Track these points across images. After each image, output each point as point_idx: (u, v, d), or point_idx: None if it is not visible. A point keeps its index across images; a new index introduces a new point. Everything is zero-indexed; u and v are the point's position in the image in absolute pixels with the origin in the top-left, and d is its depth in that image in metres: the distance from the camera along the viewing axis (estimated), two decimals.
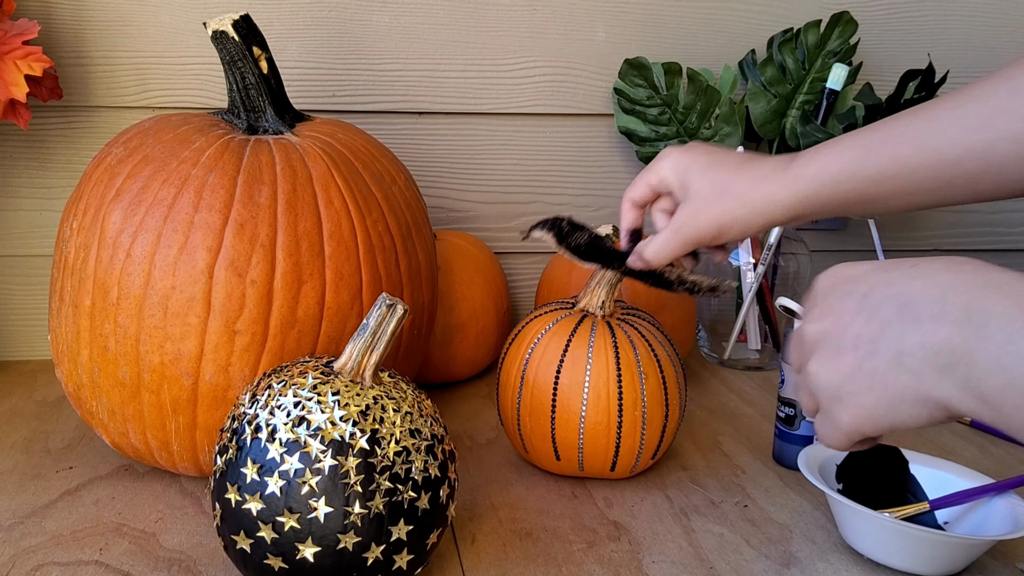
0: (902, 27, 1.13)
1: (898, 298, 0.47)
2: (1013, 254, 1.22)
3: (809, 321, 0.51)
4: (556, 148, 1.10)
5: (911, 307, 0.46)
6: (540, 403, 0.74)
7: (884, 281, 0.48)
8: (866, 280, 0.49)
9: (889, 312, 0.47)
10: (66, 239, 0.74)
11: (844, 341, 0.49)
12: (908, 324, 0.46)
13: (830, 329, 0.50)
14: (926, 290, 0.46)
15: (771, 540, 0.69)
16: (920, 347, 0.45)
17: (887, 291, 0.48)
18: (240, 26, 0.75)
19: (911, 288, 0.47)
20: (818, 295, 0.52)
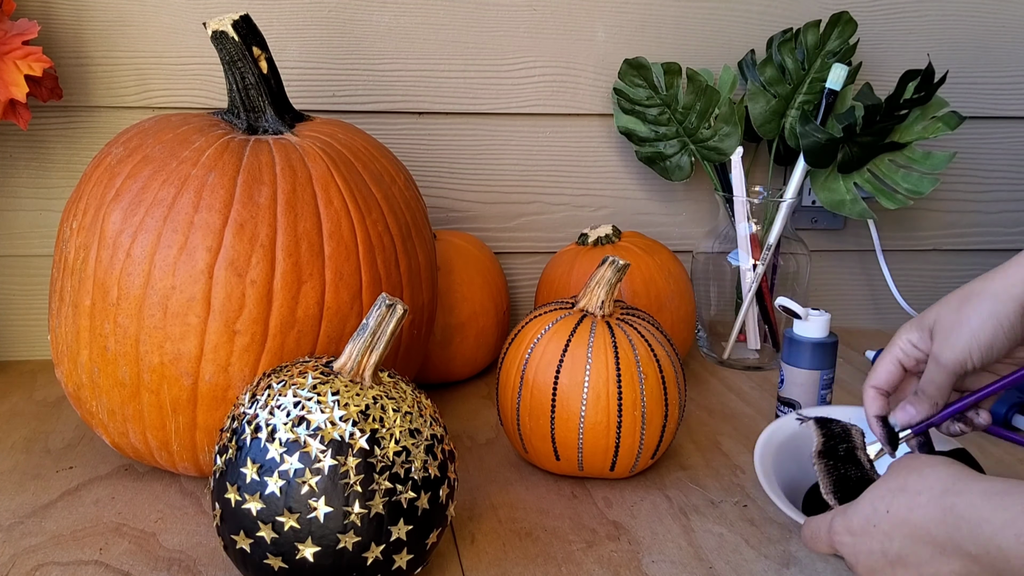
0: (902, 27, 1.13)
1: (907, 547, 0.54)
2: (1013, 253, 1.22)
3: (864, 571, 0.58)
4: (556, 148, 1.10)
5: (922, 551, 0.54)
6: (540, 403, 0.74)
7: (886, 536, 0.55)
8: (875, 540, 0.56)
9: (914, 555, 0.54)
10: (66, 239, 0.74)
11: (877, 563, 0.56)
12: (935, 557, 0.53)
13: (883, 569, 0.56)
14: (917, 536, 0.54)
15: (770, 540, 0.69)
16: (950, 573, 0.53)
17: (895, 545, 0.55)
18: (240, 26, 0.75)
19: (907, 537, 0.54)
20: (850, 557, 0.58)
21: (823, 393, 0.83)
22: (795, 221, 1.13)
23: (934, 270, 1.22)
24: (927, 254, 1.21)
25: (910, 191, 1.04)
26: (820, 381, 0.83)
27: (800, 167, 1.04)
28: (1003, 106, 1.17)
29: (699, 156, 1.07)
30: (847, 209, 1.05)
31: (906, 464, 0.57)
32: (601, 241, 1.00)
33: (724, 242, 1.06)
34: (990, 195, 1.20)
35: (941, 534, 0.52)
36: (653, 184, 1.14)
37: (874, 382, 0.68)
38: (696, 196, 1.15)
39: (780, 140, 1.08)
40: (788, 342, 0.86)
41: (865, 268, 1.21)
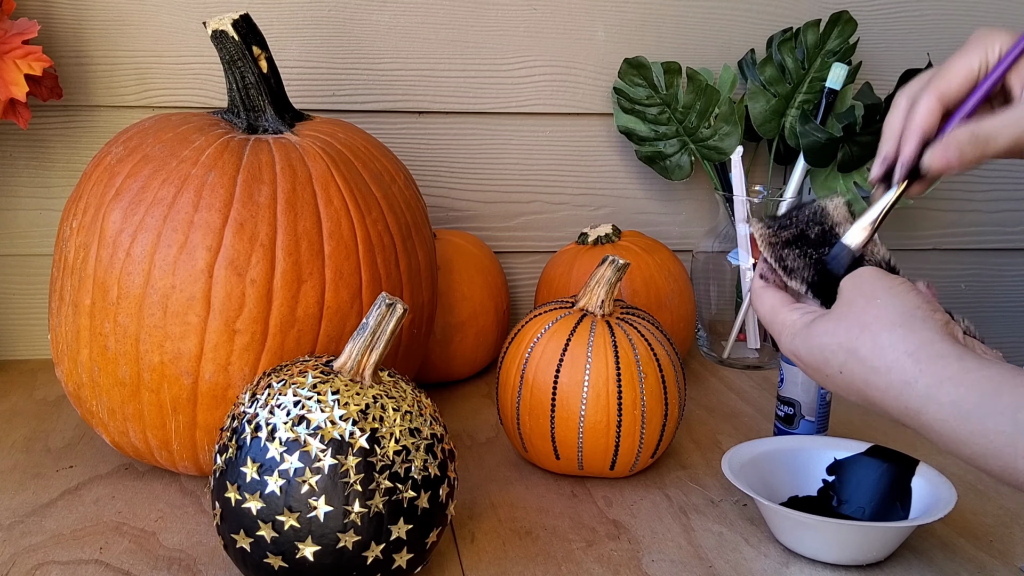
0: (902, 27, 1.13)
1: (858, 400, 0.55)
2: (1013, 253, 1.22)
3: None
4: (556, 147, 1.10)
5: (876, 405, 0.54)
6: (540, 402, 0.74)
7: (839, 389, 0.56)
8: (827, 382, 0.56)
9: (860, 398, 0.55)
10: (66, 238, 0.74)
11: (829, 389, 0.58)
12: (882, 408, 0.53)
13: (810, 373, 0.58)
14: (872, 403, 0.54)
15: (770, 539, 0.69)
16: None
17: (848, 396, 0.55)
18: (240, 25, 0.75)
19: (859, 397, 0.54)
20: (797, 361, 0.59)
21: (823, 392, 0.83)
22: None
23: (934, 270, 1.22)
24: (927, 254, 1.21)
25: None
26: None
27: (800, 166, 1.04)
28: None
29: (699, 155, 1.07)
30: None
31: (858, 313, 0.53)
32: (601, 240, 1.00)
33: (724, 241, 1.06)
34: (990, 195, 1.20)
35: (901, 418, 0.50)
36: (653, 183, 1.14)
37: (943, 89, 0.55)
38: (696, 195, 1.15)
39: (780, 139, 1.08)
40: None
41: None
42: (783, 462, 0.72)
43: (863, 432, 0.88)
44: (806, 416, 0.81)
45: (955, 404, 0.45)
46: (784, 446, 0.73)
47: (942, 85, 0.56)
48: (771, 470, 0.71)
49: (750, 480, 0.68)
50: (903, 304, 0.51)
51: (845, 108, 1.05)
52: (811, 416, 0.81)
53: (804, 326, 0.56)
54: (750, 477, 0.69)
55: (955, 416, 0.45)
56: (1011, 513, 0.74)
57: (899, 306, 0.51)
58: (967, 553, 0.68)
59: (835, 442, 0.74)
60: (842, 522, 0.64)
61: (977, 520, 0.72)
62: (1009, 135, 0.54)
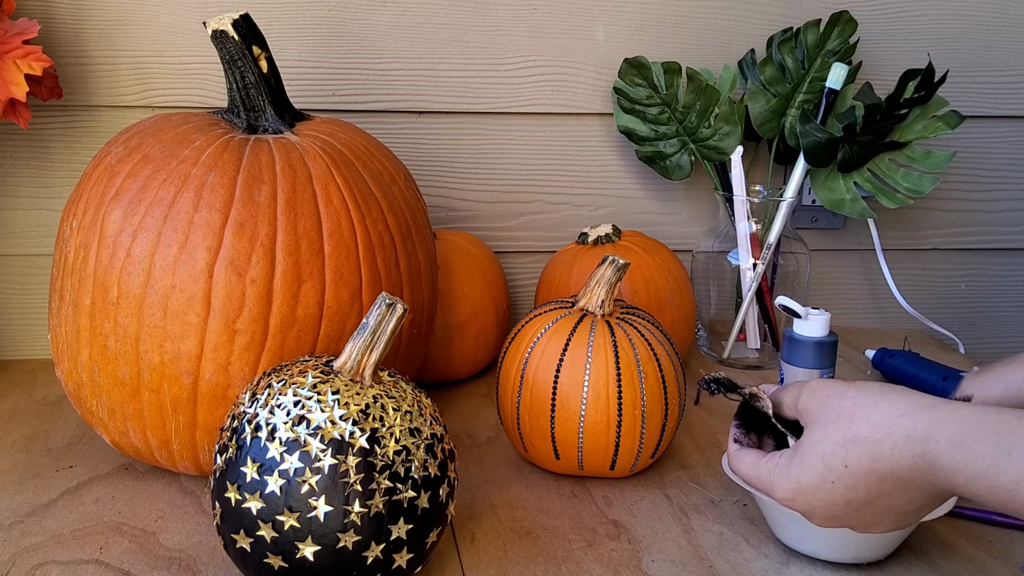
0: (902, 27, 1.13)
1: (874, 494, 0.55)
2: (1013, 253, 1.22)
3: (822, 521, 0.59)
4: (556, 147, 1.10)
5: (893, 493, 0.55)
6: (540, 402, 0.74)
7: (850, 489, 0.56)
8: (836, 496, 0.56)
9: (885, 500, 0.55)
10: (66, 238, 0.74)
11: (874, 519, 0.57)
12: (905, 497, 0.55)
13: (852, 519, 0.57)
14: (888, 482, 0.55)
15: (770, 538, 0.69)
16: (932, 497, 0.55)
17: (860, 494, 0.56)
18: (240, 25, 0.75)
19: (874, 485, 0.55)
20: (804, 514, 0.59)
21: None
22: (795, 220, 1.13)
23: (934, 269, 1.22)
24: (927, 253, 1.22)
25: (910, 190, 1.04)
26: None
27: (800, 166, 1.04)
28: (1003, 105, 1.17)
29: (699, 155, 1.07)
30: (847, 208, 1.05)
31: (836, 409, 0.56)
32: (601, 240, 1.00)
33: (724, 241, 1.06)
34: (990, 195, 1.20)
35: (914, 476, 0.53)
36: (653, 183, 1.14)
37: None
38: (696, 195, 1.15)
39: (780, 139, 1.08)
40: (788, 341, 0.86)
41: (865, 267, 1.21)
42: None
43: None
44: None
45: (950, 438, 0.51)
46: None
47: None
48: None
49: None
50: (870, 387, 0.56)
51: (845, 108, 1.04)
52: None
53: (790, 456, 0.59)
54: None
55: (950, 448, 0.50)
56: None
57: (869, 389, 0.56)
58: (967, 553, 0.68)
59: None
60: None
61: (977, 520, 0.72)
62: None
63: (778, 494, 0.59)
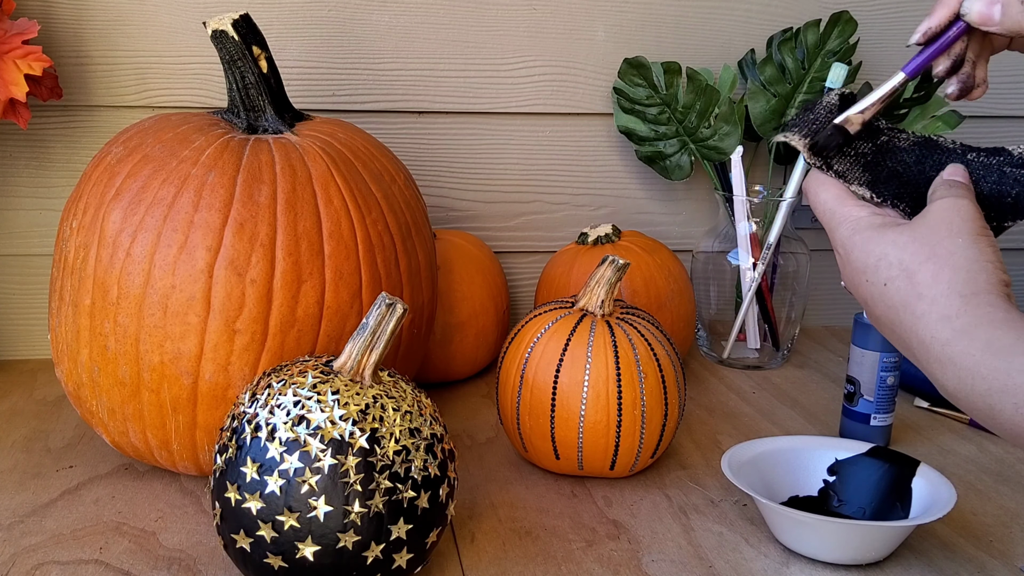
0: (902, 27, 1.13)
1: (886, 318, 0.54)
2: (1013, 253, 1.22)
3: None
4: (556, 148, 1.10)
5: (898, 327, 0.54)
6: (539, 402, 0.74)
7: (871, 298, 0.55)
8: (860, 288, 0.55)
9: (889, 319, 0.54)
10: (66, 238, 0.74)
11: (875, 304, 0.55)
12: (907, 332, 0.53)
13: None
14: (901, 325, 0.53)
15: (770, 539, 0.69)
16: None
17: (876, 308, 0.55)
18: (240, 25, 0.75)
19: (889, 317, 0.54)
20: (839, 256, 0.57)
21: (883, 375, 0.83)
22: (795, 220, 1.13)
23: None
24: None
25: None
26: (880, 363, 0.83)
27: (800, 166, 1.04)
28: (1003, 105, 1.17)
29: (699, 155, 1.07)
30: None
31: (936, 239, 0.52)
32: (601, 240, 1.00)
33: (724, 241, 1.06)
34: None
35: (926, 345, 0.50)
36: (653, 183, 1.14)
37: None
38: (696, 195, 1.15)
39: None
40: (858, 325, 0.86)
41: None
42: (783, 462, 0.72)
43: None
44: (865, 395, 0.83)
45: (988, 341, 0.46)
46: (784, 446, 0.73)
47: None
48: (771, 470, 0.71)
49: (750, 480, 0.68)
50: (979, 253, 0.52)
51: None
52: (870, 396, 0.83)
53: (871, 226, 0.55)
54: (750, 477, 0.69)
55: (984, 350, 0.46)
56: (1011, 513, 0.74)
57: (975, 253, 0.52)
58: (967, 553, 0.68)
59: (836, 442, 0.74)
60: (841, 521, 0.64)
61: (977, 520, 0.73)
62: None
63: (836, 236, 0.56)
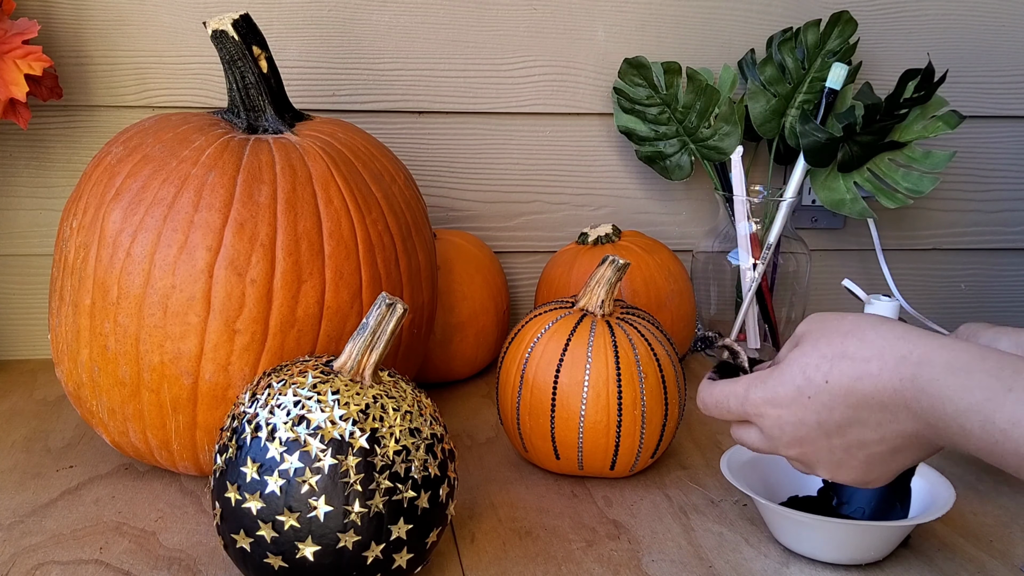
0: (902, 27, 1.13)
1: (849, 418, 0.53)
2: (1013, 253, 1.22)
3: (783, 449, 0.58)
4: (556, 148, 1.10)
5: (867, 422, 0.53)
6: (540, 402, 0.74)
7: (824, 408, 0.54)
8: (808, 412, 0.54)
9: (856, 430, 0.54)
10: (66, 238, 0.74)
11: (838, 456, 0.56)
12: (878, 431, 0.53)
13: (816, 451, 0.56)
14: (865, 406, 0.53)
15: (770, 539, 0.69)
16: (904, 438, 0.53)
17: (835, 416, 0.54)
18: (240, 25, 0.75)
19: (851, 407, 0.53)
20: (773, 431, 0.57)
21: None
22: (795, 220, 1.13)
23: (934, 269, 1.22)
24: (927, 253, 1.21)
25: (910, 190, 1.04)
26: None
27: (800, 166, 1.04)
28: (1003, 105, 1.17)
29: (699, 155, 1.07)
30: (847, 208, 1.05)
31: (833, 326, 0.54)
32: (601, 240, 1.00)
33: (724, 241, 1.06)
34: (990, 195, 1.20)
35: (895, 402, 0.50)
36: (653, 183, 1.14)
37: None
38: (696, 195, 1.15)
39: (780, 139, 1.08)
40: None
41: (865, 267, 1.21)
42: (783, 462, 0.72)
43: None
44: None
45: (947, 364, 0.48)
46: None
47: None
48: (771, 470, 0.71)
49: (749, 480, 0.68)
50: (869, 315, 0.55)
51: (845, 108, 1.04)
52: None
53: (770, 370, 0.56)
54: (749, 477, 0.69)
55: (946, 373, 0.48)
56: (1011, 513, 0.74)
57: (869, 316, 0.54)
58: (967, 553, 0.68)
59: None
60: (841, 521, 0.64)
61: (977, 520, 0.73)
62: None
63: (749, 406, 0.56)
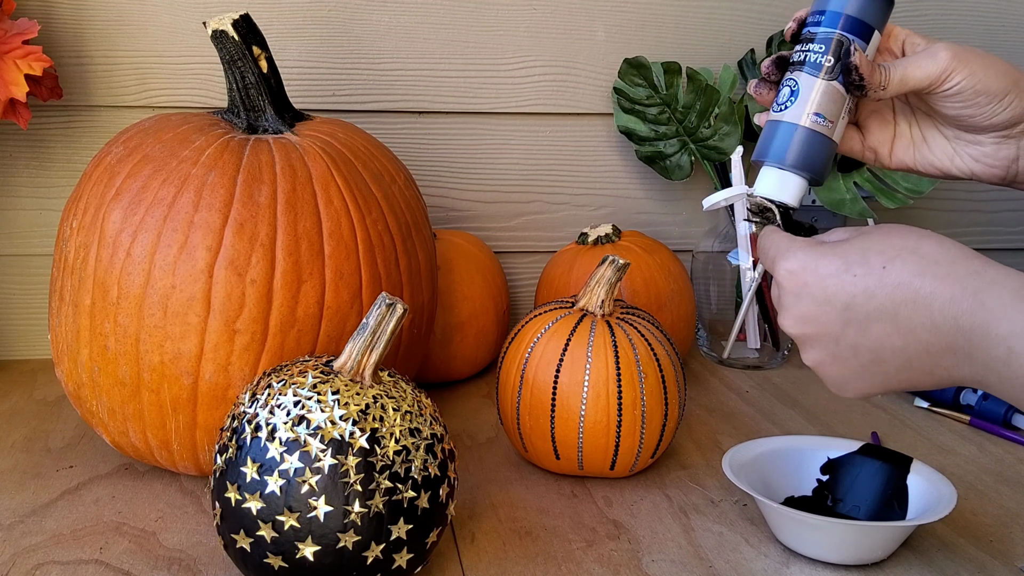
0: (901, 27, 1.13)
1: (885, 312, 0.50)
2: (1013, 253, 1.22)
3: (787, 319, 0.54)
4: (556, 148, 1.10)
5: (901, 321, 0.49)
6: (540, 402, 0.74)
7: (863, 292, 0.50)
8: (844, 290, 0.51)
9: (882, 328, 0.50)
10: (66, 238, 0.74)
11: (841, 349, 0.52)
12: (905, 336, 0.50)
13: (819, 335, 0.52)
14: (911, 303, 0.49)
15: (770, 539, 0.69)
16: (926, 353, 0.50)
17: (870, 305, 0.50)
18: (240, 25, 0.75)
19: (894, 301, 0.50)
20: (788, 295, 0.53)
21: None
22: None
23: None
24: None
25: (910, 190, 1.04)
26: None
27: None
28: None
29: (699, 155, 1.07)
30: (847, 208, 1.05)
31: (911, 229, 0.51)
32: (601, 240, 1.00)
33: (724, 241, 1.06)
34: (990, 195, 1.20)
35: (947, 311, 0.48)
36: (653, 183, 1.14)
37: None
38: (696, 195, 1.15)
39: None
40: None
41: None
42: (781, 462, 0.72)
43: (863, 429, 0.88)
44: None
45: (1016, 290, 0.47)
46: (783, 446, 0.73)
47: None
48: (770, 470, 0.71)
49: (750, 480, 0.68)
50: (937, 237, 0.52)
51: None
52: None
53: (815, 244, 0.52)
54: (750, 477, 0.69)
55: (1014, 297, 0.47)
56: (1011, 513, 0.74)
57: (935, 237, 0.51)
58: (967, 553, 0.68)
59: (828, 441, 0.74)
60: (845, 522, 0.64)
61: (977, 520, 0.73)
62: (923, 72, 0.62)
63: (785, 262, 0.52)
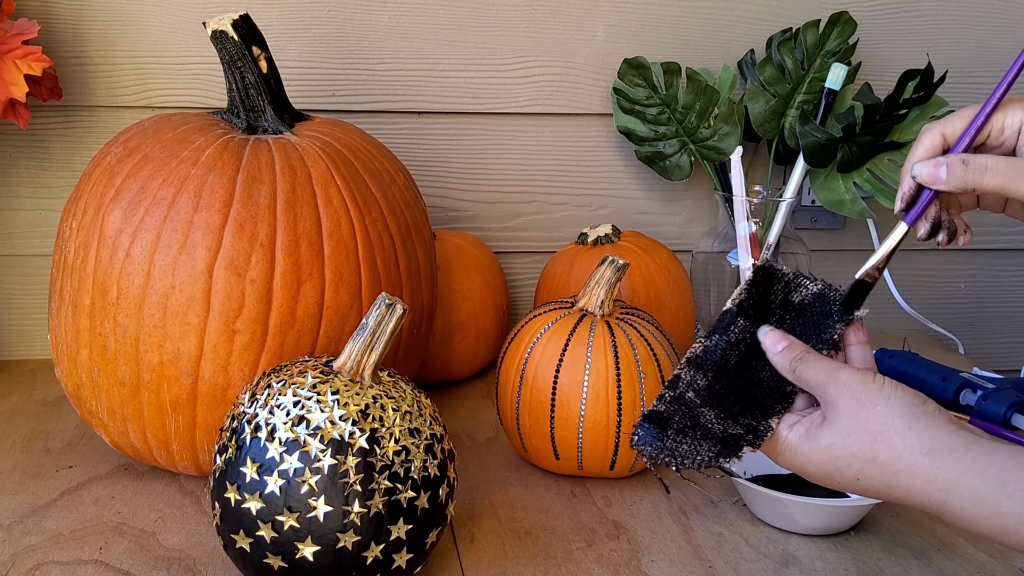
0: (901, 27, 1.13)
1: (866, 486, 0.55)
2: (1013, 253, 1.22)
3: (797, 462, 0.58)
4: (555, 148, 1.10)
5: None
6: (539, 402, 0.74)
7: (850, 479, 0.55)
8: (835, 472, 0.56)
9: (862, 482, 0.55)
10: (66, 239, 0.74)
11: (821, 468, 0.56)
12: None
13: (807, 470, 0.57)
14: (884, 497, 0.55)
15: (769, 539, 0.69)
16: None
17: (857, 483, 0.55)
18: (239, 26, 0.75)
19: (871, 493, 0.55)
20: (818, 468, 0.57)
21: None
22: (795, 221, 1.13)
23: (934, 270, 1.22)
24: (927, 254, 1.21)
25: None
26: None
27: (800, 167, 1.04)
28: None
29: (699, 156, 1.07)
30: (847, 208, 1.05)
31: (863, 425, 0.54)
32: (601, 241, 1.00)
33: (724, 242, 1.05)
34: None
35: (921, 505, 0.53)
36: (653, 184, 1.14)
37: (946, 124, 0.60)
38: (696, 196, 1.15)
39: (780, 140, 1.08)
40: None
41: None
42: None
43: None
44: None
45: (972, 493, 0.50)
46: None
47: (947, 122, 0.60)
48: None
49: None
50: (901, 406, 0.54)
51: (845, 108, 1.04)
52: None
53: (801, 439, 0.57)
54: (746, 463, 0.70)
55: (973, 503, 0.50)
56: None
57: (899, 408, 0.54)
58: (967, 553, 0.68)
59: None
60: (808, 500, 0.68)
61: None
62: (1000, 176, 0.60)
63: (782, 459, 0.58)
